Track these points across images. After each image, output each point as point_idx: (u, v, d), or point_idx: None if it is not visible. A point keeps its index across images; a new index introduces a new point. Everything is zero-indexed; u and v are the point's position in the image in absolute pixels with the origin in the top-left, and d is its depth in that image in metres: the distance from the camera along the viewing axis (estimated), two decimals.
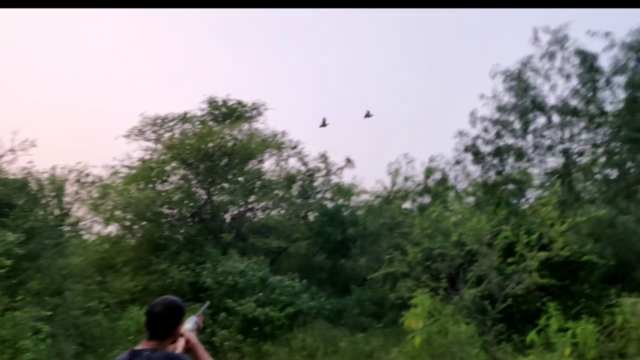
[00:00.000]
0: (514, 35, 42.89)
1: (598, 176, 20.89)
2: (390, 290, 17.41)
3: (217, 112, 24.73)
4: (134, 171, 22.08)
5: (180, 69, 45.64)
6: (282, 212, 25.00)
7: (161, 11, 47.03)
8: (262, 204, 23.90)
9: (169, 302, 3.22)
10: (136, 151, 24.96)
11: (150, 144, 24.10)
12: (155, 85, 45.88)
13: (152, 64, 44.64)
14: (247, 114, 24.69)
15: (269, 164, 24.90)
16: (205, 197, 22.56)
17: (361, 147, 39.18)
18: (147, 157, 23.18)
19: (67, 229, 19.03)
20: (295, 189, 25.15)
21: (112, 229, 21.61)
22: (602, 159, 20.10)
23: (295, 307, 18.16)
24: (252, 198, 23.49)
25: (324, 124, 19.16)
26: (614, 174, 19.72)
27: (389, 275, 17.54)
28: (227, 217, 23.62)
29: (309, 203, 24.81)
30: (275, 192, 23.57)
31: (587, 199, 20.12)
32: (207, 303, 4.60)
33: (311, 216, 25.16)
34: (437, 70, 44.25)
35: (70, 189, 19.38)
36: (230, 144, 21.85)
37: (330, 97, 46.07)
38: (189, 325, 3.44)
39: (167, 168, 22.52)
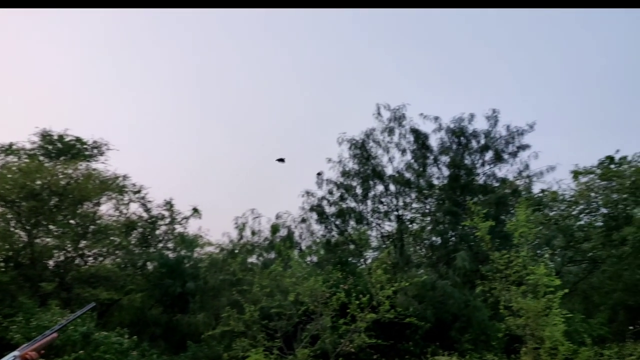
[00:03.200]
0: (361, 103, 46.88)
1: (425, 242, 23.15)
2: (226, 348, 16.88)
3: (50, 146, 22.51)
4: None
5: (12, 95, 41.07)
6: (118, 260, 23.13)
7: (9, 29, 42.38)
8: (95, 250, 21.87)
9: None
10: None
11: None
12: None
13: None
14: (87, 152, 22.88)
15: (106, 208, 23.12)
16: (25, 239, 19.95)
17: (210, 197, 38.49)
18: None
19: None
20: (134, 236, 23.57)
21: None
22: (429, 227, 22.37)
23: None
24: (83, 243, 21.40)
25: (281, 160, 18.07)
26: (438, 241, 21.97)
27: (226, 333, 17.03)
28: (51, 263, 21.12)
29: (149, 252, 23.38)
30: (112, 238, 21.79)
31: (416, 262, 22.04)
32: (92, 304, 3.70)
33: (150, 266, 23.70)
34: (290, 130, 46.00)
35: None
36: (62, 182, 19.88)
37: (182, 146, 45.02)
38: None
39: None
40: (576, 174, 24.97)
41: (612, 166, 24.08)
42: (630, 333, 13.11)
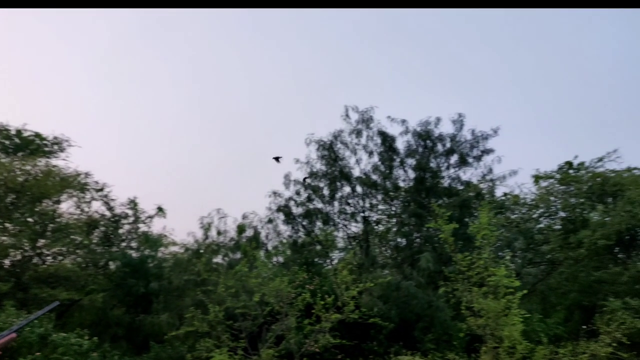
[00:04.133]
0: (330, 105, 47.03)
1: (391, 243, 23.41)
2: (190, 349, 16.70)
3: (7, 142, 21.63)
4: None
5: None
6: (79, 259, 22.52)
7: None
8: (54, 249, 21.20)
9: None
10: None
11: None
12: None
13: None
14: (46, 149, 22.11)
15: (67, 206, 22.46)
16: None
17: (176, 196, 37.95)
18: None
19: None
20: (96, 235, 23.01)
21: None
22: (395, 229, 22.63)
23: None
24: (41, 242, 20.72)
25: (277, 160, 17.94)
26: (403, 242, 22.23)
27: (190, 333, 16.84)
28: (6, 262, 20.37)
29: (111, 251, 22.85)
30: (72, 237, 21.18)
31: (381, 263, 22.26)
32: (56, 303, 3.60)
33: (112, 266, 23.19)
34: (257, 130, 45.82)
35: None
36: (20, 179, 19.20)
37: (148, 145, 44.28)
38: None
39: None
40: (537, 178, 25.78)
41: (571, 171, 24.97)
42: (583, 332, 13.61)
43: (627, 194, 20.30)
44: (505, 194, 25.52)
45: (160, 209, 24.32)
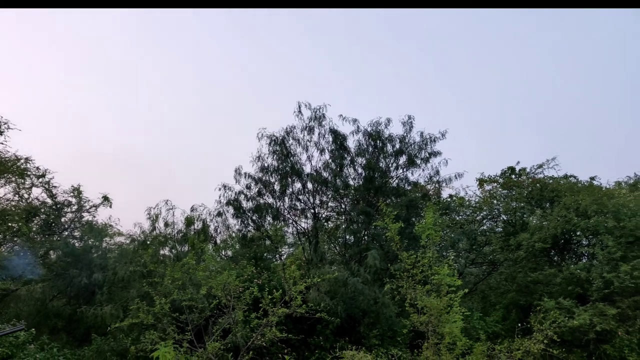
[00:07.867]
0: (283, 102, 47.01)
1: (340, 240, 23.68)
2: (134, 341, 16.38)
3: None
4: None
5: None
6: (16, 248, 21.57)
7: None
8: None
9: None
10: None
11: None
12: None
13: None
14: None
15: (4, 191, 21.43)
16: None
17: (123, 187, 36.99)
18: None
19: None
20: (36, 223, 22.07)
21: None
22: (344, 226, 22.90)
23: None
24: None
25: None
26: (351, 239, 22.53)
27: (134, 325, 16.50)
28: None
29: (52, 240, 22.00)
30: (10, 224, 20.27)
31: (329, 259, 22.48)
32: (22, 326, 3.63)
33: (53, 255, 22.35)
34: (210, 126, 45.31)
35: None
36: None
37: (97, 133, 42.84)
38: None
39: None
40: (481, 181, 26.82)
41: (513, 176, 26.14)
42: (519, 330, 14.34)
43: (563, 200, 21.41)
44: (450, 196, 26.38)
45: (105, 198, 23.63)
